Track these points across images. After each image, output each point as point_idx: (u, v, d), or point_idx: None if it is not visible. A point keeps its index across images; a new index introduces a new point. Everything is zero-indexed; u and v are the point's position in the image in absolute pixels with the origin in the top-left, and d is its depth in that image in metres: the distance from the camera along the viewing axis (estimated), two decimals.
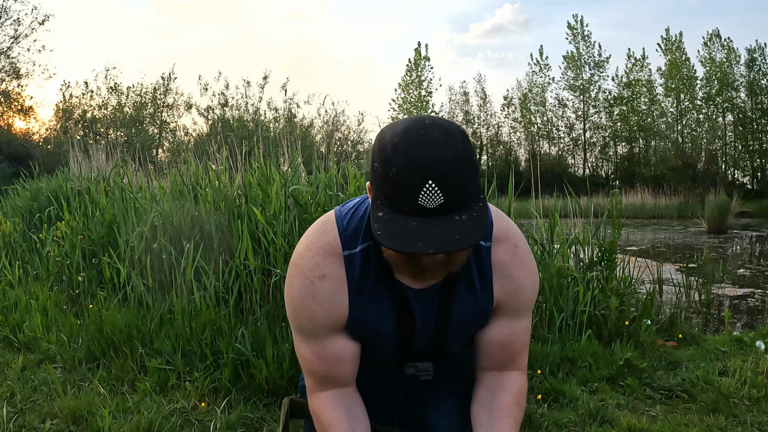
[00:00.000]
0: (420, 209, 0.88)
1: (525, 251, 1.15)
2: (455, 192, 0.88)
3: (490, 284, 1.12)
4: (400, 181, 0.88)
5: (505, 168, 27.60)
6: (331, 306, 1.09)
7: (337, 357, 1.14)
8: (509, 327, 1.17)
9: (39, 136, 28.10)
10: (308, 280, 1.09)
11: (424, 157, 0.87)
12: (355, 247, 1.09)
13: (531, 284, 1.15)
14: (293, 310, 1.12)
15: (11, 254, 5.05)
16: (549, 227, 3.64)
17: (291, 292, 1.12)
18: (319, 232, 1.12)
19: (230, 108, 29.74)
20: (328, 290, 1.08)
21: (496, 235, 1.12)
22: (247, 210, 3.43)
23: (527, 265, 1.15)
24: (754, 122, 31.06)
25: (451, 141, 0.90)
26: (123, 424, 2.26)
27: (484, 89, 35.22)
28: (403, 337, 1.14)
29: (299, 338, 1.15)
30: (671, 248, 10.57)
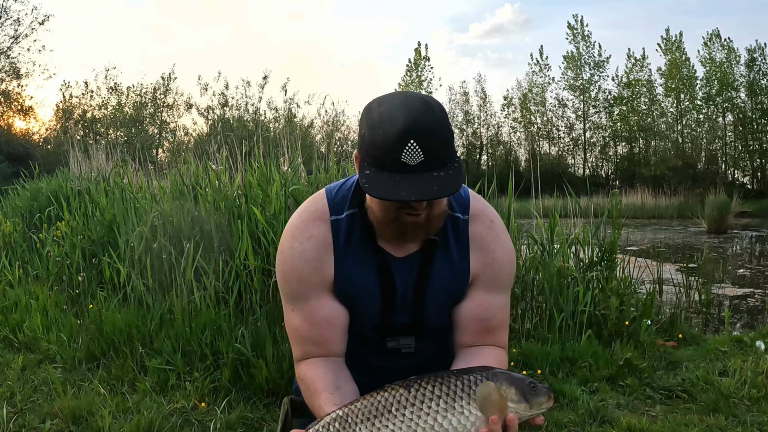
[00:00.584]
0: (403, 166, 0.99)
1: (502, 228, 1.24)
2: (434, 152, 1.00)
3: (467, 255, 1.20)
4: (385, 141, 0.99)
5: (505, 168, 27.59)
6: (318, 265, 1.17)
7: (327, 321, 1.18)
8: (485, 300, 1.20)
9: (39, 136, 28.12)
10: (297, 241, 1.18)
11: (407, 120, 0.99)
12: (341, 213, 1.19)
13: (507, 259, 1.22)
14: (284, 273, 1.19)
15: (11, 254, 5.05)
16: (549, 227, 3.64)
17: (281, 256, 1.20)
18: (310, 202, 1.23)
19: (230, 108, 29.76)
20: (315, 250, 1.17)
21: (473, 211, 1.22)
22: (247, 210, 3.43)
23: (504, 241, 1.22)
24: (754, 122, 31.05)
25: (430, 109, 1.02)
26: (123, 424, 2.26)
27: (484, 89, 35.26)
28: (386, 303, 1.20)
29: (290, 307, 1.20)
30: (671, 248, 10.57)
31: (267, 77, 29.96)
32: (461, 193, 1.24)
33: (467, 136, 34.75)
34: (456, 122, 34.61)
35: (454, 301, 1.22)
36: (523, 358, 2.93)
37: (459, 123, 34.64)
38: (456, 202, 1.22)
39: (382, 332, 1.24)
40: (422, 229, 1.11)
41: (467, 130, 34.73)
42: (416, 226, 1.10)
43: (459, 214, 1.21)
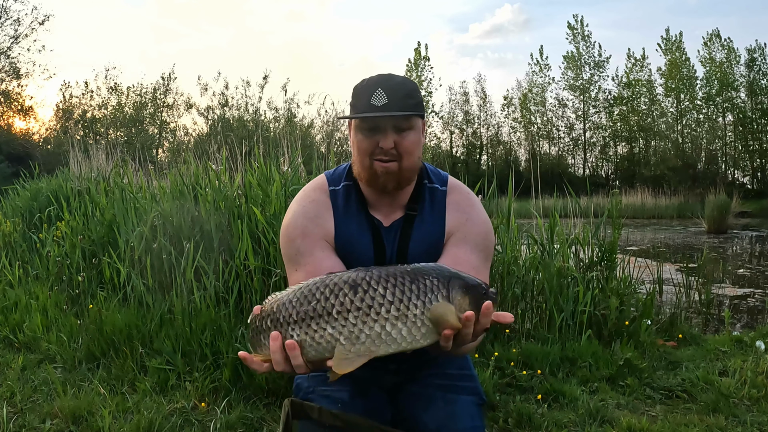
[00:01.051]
0: (371, 107, 1.26)
1: (477, 200, 1.43)
2: (396, 98, 1.26)
3: (443, 218, 1.38)
4: (361, 89, 1.30)
5: (505, 168, 27.58)
6: (320, 222, 1.35)
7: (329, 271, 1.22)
8: (457, 256, 1.32)
9: (39, 136, 28.11)
10: (300, 205, 1.38)
11: (379, 77, 1.31)
12: (338, 184, 1.41)
13: (482, 222, 1.38)
14: (288, 234, 1.35)
15: (11, 254, 5.04)
16: (549, 227, 3.64)
17: (286, 220, 1.38)
18: (312, 181, 1.46)
19: (230, 108, 29.75)
20: (317, 210, 1.36)
21: (450, 185, 1.43)
22: (247, 210, 3.43)
23: (478, 208, 1.40)
24: (754, 122, 31.06)
25: (400, 77, 1.32)
26: (123, 424, 2.26)
27: (484, 89, 35.26)
28: (378, 259, 1.36)
29: (294, 267, 1.33)
30: (671, 248, 10.57)
31: (267, 77, 30.02)
32: (441, 173, 1.46)
33: (467, 136, 34.75)
34: (456, 122, 34.63)
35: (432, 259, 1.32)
36: (523, 358, 2.93)
37: (459, 123, 34.67)
38: (435, 177, 1.43)
39: None
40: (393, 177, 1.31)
41: (467, 130, 34.73)
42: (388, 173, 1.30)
43: (438, 185, 1.41)
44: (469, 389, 1.38)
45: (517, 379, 2.75)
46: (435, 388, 1.35)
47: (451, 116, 34.62)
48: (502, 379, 2.75)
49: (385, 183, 1.32)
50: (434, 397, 1.34)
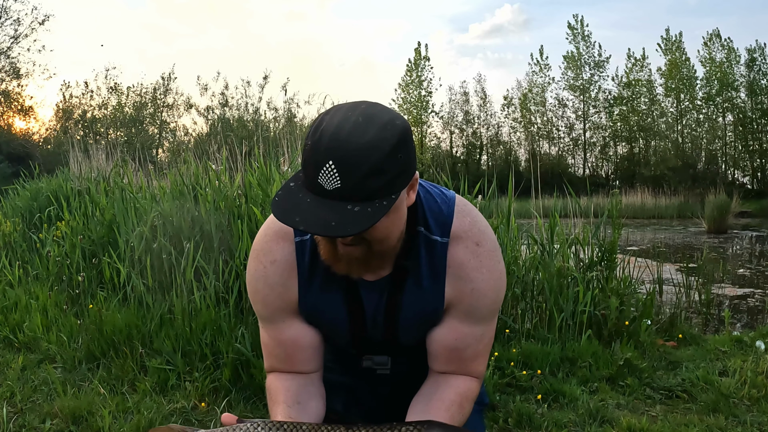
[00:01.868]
0: (320, 189, 0.87)
1: (489, 251, 1.09)
2: (355, 180, 0.86)
3: (442, 282, 1.08)
4: (307, 156, 0.89)
5: (505, 168, 27.59)
6: (281, 291, 1.11)
7: (293, 342, 1.14)
8: (458, 330, 1.10)
9: (39, 136, 28.12)
10: (261, 264, 1.12)
11: (334, 137, 0.87)
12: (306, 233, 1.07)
13: (490, 288, 1.08)
14: (250, 294, 1.16)
15: (11, 254, 5.04)
16: (549, 227, 3.64)
17: (248, 276, 1.15)
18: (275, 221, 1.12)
19: (230, 108, 29.77)
20: (278, 275, 1.10)
21: (455, 232, 1.08)
22: (247, 210, 3.43)
23: (489, 267, 1.08)
24: (754, 122, 31.05)
25: (370, 128, 0.88)
26: (123, 424, 2.26)
27: (484, 89, 35.22)
28: (356, 327, 1.13)
29: (260, 323, 1.18)
30: (671, 248, 10.57)
31: (267, 77, 30.01)
32: (443, 210, 1.09)
33: (467, 136, 34.75)
34: (456, 122, 34.63)
35: (428, 326, 1.13)
36: (523, 358, 2.94)
37: (459, 123, 34.66)
38: (435, 222, 1.08)
39: (358, 349, 1.20)
40: (360, 264, 1.00)
41: (467, 130, 34.73)
42: (351, 260, 0.99)
43: (437, 236, 1.07)
44: None
45: (517, 379, 2.75)
46: None
47: (451, 116, 34.64)
48: (502, 379, 2.75)
49: (349, 269, 1.02)
50: None
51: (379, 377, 1.27)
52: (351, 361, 1.25)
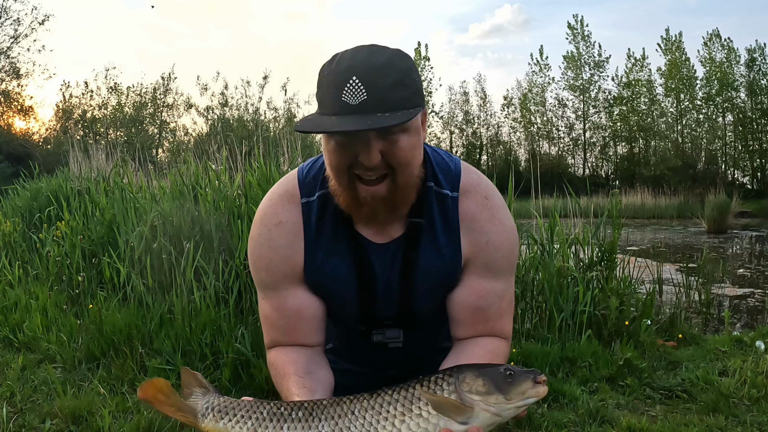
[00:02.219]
0: (344, 106, 0.88)
1: (498, 205, 1.10)
2: (381, 91, 0.88)
3: (457, 237, 1.07)
4: (328, 79, 0.91)
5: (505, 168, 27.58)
6: (287, 254, 1.08)
7: (296, 312, 1.11)
8: (480, 287, 1.08)
9: (39, 136, 28.13)
10: (265, 228, 1.09)
11: (353, 58, 0.90)
12: (312, 195, 1.08)
13: (505, 240, 1.08)
14: (253, 261, 1.12)
15: (11, 254, 5.04)
16: (549, 227, 3.64)
17: (251, 243, 1.13)
18: (281, 183, 1.14)
19: (230, 108, 29.77)
20: (283, 237, 1.08)
21: (464, 186, 1.08)
22: (247, 210, 3.43)
23: (501, 220, 1.08)
24: (754, 122, 31.05)
25: (383, 51, 0.92)
26: (123, 424, 2.26)
27: (484, 89, 35.25)
28: (365, 294, 1.10)
29: (261, 294, 1.14)
30: (671, 248, 10.57)
31: (267, 77, 30.02)
32: (451, 167, 1.10)
33: (467, 136, 34.76)
34: (456, 122, 34.63)
35: (446, 289, 1.10)
36: (523, 358, 2.93)
37: (459, 123, 34.67)
38: (444, 177, 1.08)
39: (367, 324, 1.15)
40: (383, 203, 0.98)
41: (467, 130, 34.74)
42: (375, 199, 0.97)
43: (447, 191, 1.07)
44: None
45: None
46: None
47: (451, 116, 34.66)
48: None
49: (373, 211, 1.00)
50: None
51: (387, 364, 1.25)
52: (358, 342, 1.21)
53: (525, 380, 0.89)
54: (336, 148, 0.95)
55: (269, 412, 0.95)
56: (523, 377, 0.90)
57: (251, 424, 0.95)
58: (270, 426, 0.94)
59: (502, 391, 0.89)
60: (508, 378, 0.90)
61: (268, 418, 0.94)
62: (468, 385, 0.90)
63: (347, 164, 0.95)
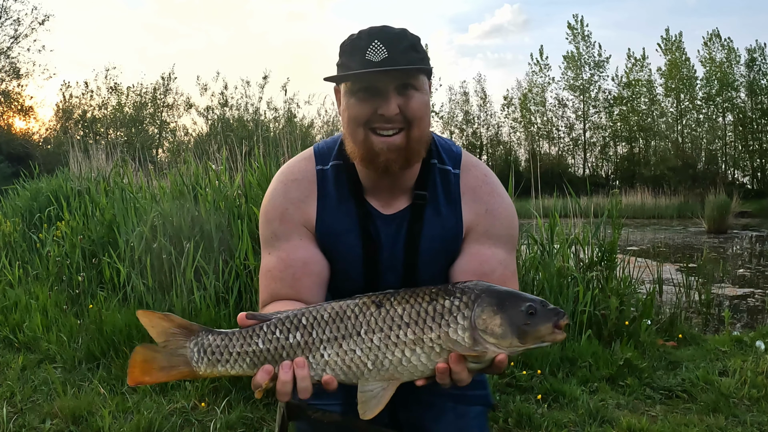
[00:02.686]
0: (368, 63, 1.02)
1: (496, 182, 1.19)
2: (399, 51, 1.03)
3: (459, 207, 1.15)
4: (353, 44, 1.06)
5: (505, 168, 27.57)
6: (302, 207, 1.15)
7: (304, 263, 1.13)
8: (481, 254, 1.13)
9: (39, 136, 28.14)
10: (282, 183, 1.18)
11: (372, 29, 1.06)
12: (326, 163, 1.17)
13: (504, 210, 1.16)
14: (266, 212, 1.17)
15: (11, 254, 5.04)
16: (549, 227, 3.64)
17: (266, 198, 1.19)
18: (298, 155, 1.24)
19: (230, 108, 29.76)
20: (299, 191, 1.16)
21: (464, 164, 1.19)
22: (247, 210, 3.43)
23: (499, 193, 1.17)
24: (754, 122, 31.06)
25: (397, 28, 1.08)
26: (123, 424, 2.26)
27: (484, 89, 35.25)
28: (369, 262, 1.14)
29: (268, 250, 1.16)
30: (671, 248, 10.57)
31: (267, 77, 30.00)
32: (453, 149, 1.21)
33: (467, 136, 34.74)
34: (456, 122, 34.62)
35: (448, 258, 1.15)
36: (523, 358, 2.93)
37: (459, 123, 34.67)
38: (447, 156, 1.19)
39: None
40: (398, 155, 1.07)
41: (467, 130, 34.73)
42: (391, 150, 1.06)
43: (450, 167, 1.17)
44: (479, 398, 1.29)
45: (517, 379, 2.75)
46: (446, 398, 1.24)
47: (451, 116, 34.66)
48: (502, 379, 2.74)
49: (388, 162, 1.07)
50: (445, 409, 1.25)
51: None
52: None
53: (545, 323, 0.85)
54: (357, 102, 1.06)
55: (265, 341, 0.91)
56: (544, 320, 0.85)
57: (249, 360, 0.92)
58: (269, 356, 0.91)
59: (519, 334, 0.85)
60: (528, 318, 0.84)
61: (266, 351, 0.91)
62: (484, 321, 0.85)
63: (367, 117, 1.06)
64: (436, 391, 1.28)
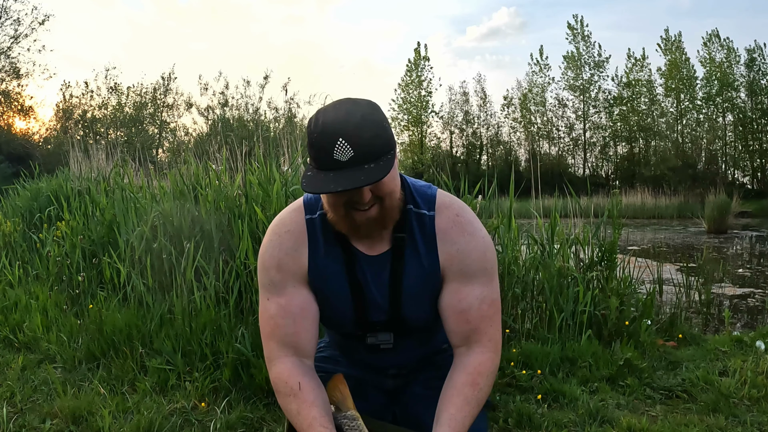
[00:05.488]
0: (336, 163, 1.07)
1: (467, 220, 1.27)
2: (363, 146, 1.06)
3: (435, 249, 1.24)
4: (318, 142, 1.08)
5: (505, 168, 27.59)
6: (295, 256, 1.25)
7: (302, 310, 1.24)
8: (458, 291, 1.23)
9: (39, 136, 28.10)
10: (276, 234, 1.28)
11: (335, 120, 1.08)
12: (314, 212, 1.27)
13: (474, 248, 1.24)
14: (263, 262, 1.27)
15: (11, 254, 5.04)
16: (549, 227, 3.64)
17: (262, 249, 1.29)
18: (290, 206, 1.33)
19: (230, 108, 29.74)
20: (292, 241, 1.26)
21: (438, 206, 1.27)
22: (247, 210, 3.43)
23: (469, 232, 1.25)
24: (754, 122, 31.04)
25: (357, 108, 1.10)
26: (123, 424, 2.26)
27: (484, 89, 35.25)
28: (357, 300, 1.26)
29: (266, 296, 1.27)
30: (671, 248, 10.57)
31: (267, 77, 29.99)
32: (427, 192, 1.29)
33: (467, 136, 34.74)
34: (456, 122, 34.61)
35: (429, 295, 1.26)
36: (523, 358, 2.93)
37: (459, 123, 34.66)
38: (422, 200, 1.27)
39: (362, 329, 1.30)
40: (376, 223, 1.17)
41: (467, 130, 34.72)
42: (369, 221, 1.16)
43: (425, 210, 1.26)
44: None
45: (517, 379, 2.75)
46: (438, 389, 1.31)
47: (451, 116, 34.65)
48: (502, 379, 2.75)
49: (368, 230, 1.19)
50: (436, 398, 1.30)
51: (384, 367, 1.38)
52: (355, 345, 1.34)
53: None
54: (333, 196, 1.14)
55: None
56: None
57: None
58: None
59: None
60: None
61: None
62: None
63: (343, 203, 1.15)
64: (429, 384, 1.36)
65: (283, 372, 1.21)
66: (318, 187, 1.08)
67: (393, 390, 1.41)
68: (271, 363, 1.24)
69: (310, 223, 1.26)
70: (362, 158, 1.06)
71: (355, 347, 1.36)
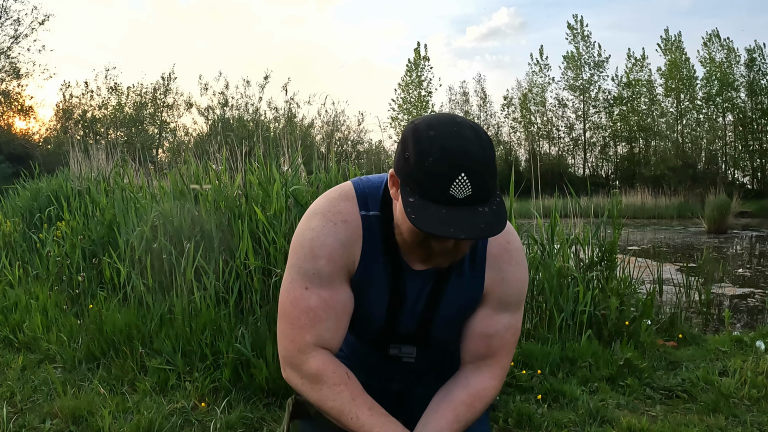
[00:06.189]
0: (450, 198, 0.94)
1: (517, 249, 1.22)
2: (482, 187, 0.96)
3: (481, 273, 1.19)
4: (434, 170, 0.94)
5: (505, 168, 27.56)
6: (350, 251, 1.14)
7: (344, 307, 1.16)
8: (490, 318, 1.21)
9: (39, 136, 28.08)
10: (331, 222, 1.13)
11: (459, 150, 0.95)
12: (369, 210, 1.15)
13: (517, 279, 1.21)
14: (313, 250, 1.13)
15: (11, 254, 5.04)
16: (549, 227, 3.64)
17: (309, 233, 1.14)
18: (337, 191, 1.18)
19: (230, 108, 29.74)
20: (349, 234, 1.13)
21: None
22: (247, 210, 3.43)
23: (517, 261, 1.21)
24: (754, 122, 31.03)
25: (479, 139, 0.98)
26: (123, 424, 2.26)
27: (484, 89, 35.24)
28: (392, 310, 1.20)
29: (306, 285, 1.14)
30: (671, 248, 10.57)
31: (268, 77, 29.98)
32: None
33: None
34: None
35: (463, 317, 1.23)
36: (524, 358, 2.93)
37: None
38: None
39: (386, 339, 1.26)
40: (450, 255, 1.08)
41: None
42: (444, 253, 1.07)
43: None
44: None
45: (517, 379, 2.75)
46: None
47: None
48: None
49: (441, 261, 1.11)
50: None
51: (391, 374, 1.35)
52: (373, 353, 1.30)
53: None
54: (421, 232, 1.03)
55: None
56: None
57: None
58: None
59: None
60: None
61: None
62: None
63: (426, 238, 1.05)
64: (435, 386, 1.32)
65: (328, 362, 1.15)
66: (433, 227, 0.94)
67: (398, 394, 1.39)
68: (305, 355, 1.15)
69: (366, 220, 1.15)
70: (477, 199, 0.96)
71: (371, 353, 1.32)
